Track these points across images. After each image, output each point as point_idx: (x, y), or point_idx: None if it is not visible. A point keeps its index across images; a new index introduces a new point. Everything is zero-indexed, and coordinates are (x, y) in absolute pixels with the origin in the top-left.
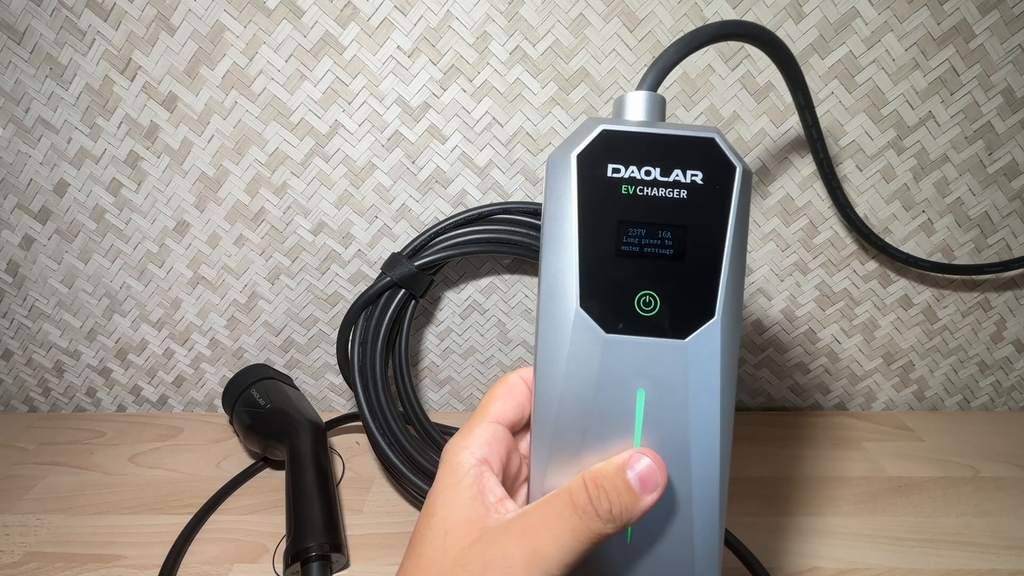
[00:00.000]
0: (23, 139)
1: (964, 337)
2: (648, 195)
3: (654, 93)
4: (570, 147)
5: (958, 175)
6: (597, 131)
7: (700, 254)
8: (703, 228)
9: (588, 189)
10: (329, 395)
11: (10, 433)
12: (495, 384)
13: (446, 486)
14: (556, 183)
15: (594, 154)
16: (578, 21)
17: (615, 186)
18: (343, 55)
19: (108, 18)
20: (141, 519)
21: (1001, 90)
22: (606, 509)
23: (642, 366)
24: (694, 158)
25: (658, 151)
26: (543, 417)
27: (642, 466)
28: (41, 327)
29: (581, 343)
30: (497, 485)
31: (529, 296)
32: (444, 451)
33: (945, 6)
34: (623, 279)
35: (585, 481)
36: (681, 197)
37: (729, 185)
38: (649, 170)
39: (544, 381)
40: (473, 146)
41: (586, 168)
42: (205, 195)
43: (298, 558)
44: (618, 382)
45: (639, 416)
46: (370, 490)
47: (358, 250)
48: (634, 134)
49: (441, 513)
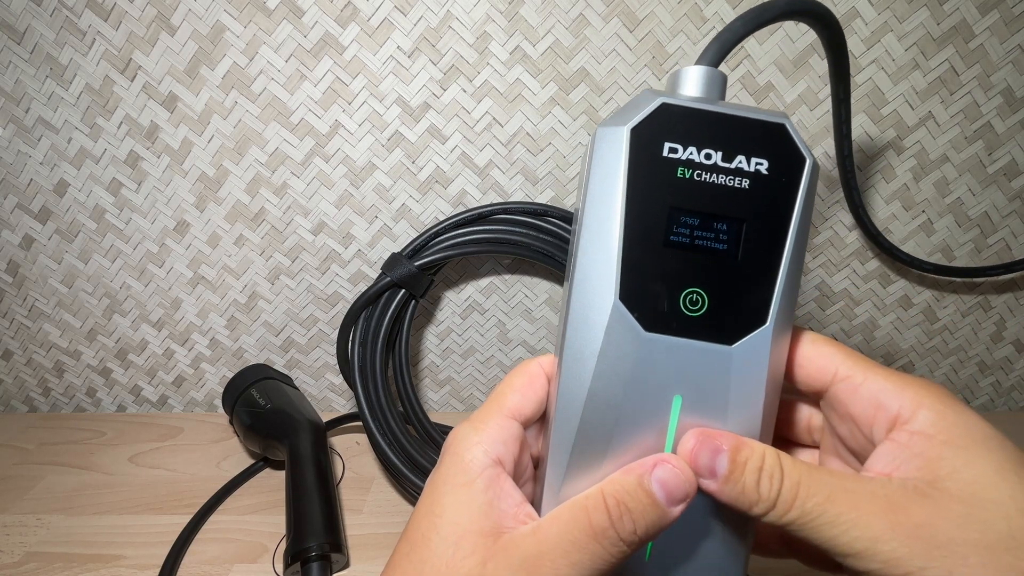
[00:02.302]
0: (23, 139)
1: (964, 337)
2: (706, 181)
3: (715, 69)
4: (624, 119)
5: (958, 175)
6: (656, 104)
7: (757, 253)
8: (763, 224)
9: (639, 168)
10: (329, 395)
11: (10, 433)
12: (514, 371)
13: (456, 485)
14: (603, 158)
15: (650, 129)
16: (578, 21)
17: (670, 168)
18: (343, 55)
19: (108, 18)
20: (141, 519)
21: (1001, 90)
22: (629, 531)
23: (681, 371)
24: (761, 145)
25: (722, 133)
26: (565, 418)
27: (666, 474)
28: (41, 327)
29: (616, 340)
30: (514, 488)
31: (529, 296)
32: (452, 441)
33: (945, 6)
34: (669, 273)
35: (605, 498)
36: (742, 187)
37: (797, 178)
38: (710, 153)
39: (570, 378)
40: (473, 146)
41: (640, 144)
42: (205, 195)
43: (298, 558)
44: (653, 386)
45: (672, 425)
46: (370, 490)
47: (358, 250)
48: (697, 111)
49: (450, 517)
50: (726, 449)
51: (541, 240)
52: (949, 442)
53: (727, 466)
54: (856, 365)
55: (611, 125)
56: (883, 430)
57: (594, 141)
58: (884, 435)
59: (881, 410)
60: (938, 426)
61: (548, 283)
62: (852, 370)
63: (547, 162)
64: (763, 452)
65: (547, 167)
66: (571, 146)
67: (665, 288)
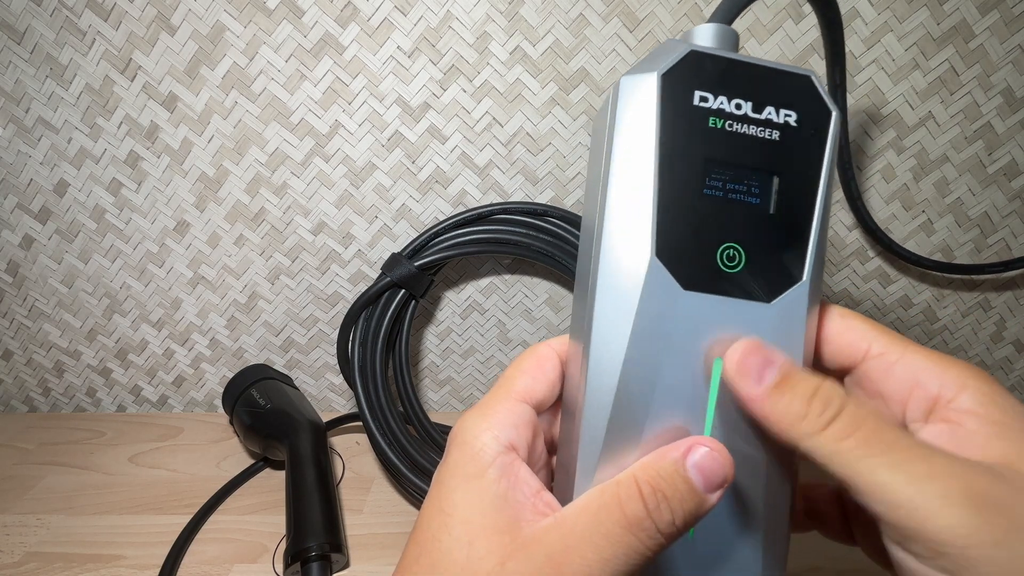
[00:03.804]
0: (23, 139)
1: (964, 337)
2: (737, 131)
3: (728, 26)
4: (651, 66)
5: (958, 175)
6: (685, 50)
7: (791, 206)
8: (795, 176)
9: (671, 116)
10: (329, 395)
11: (10, 433)
12: (522, 354)
13: (466, 477)
14: (631, 107)
15: (681, 76)
16: (578, 21)
17: (702, 117)
18: (343, 55)
19: (108, 18)
20: (141, 519)
21: (1001, 90)
22: (668, 521)
23: (721, 331)
24: (789, 96)
25: (751, 83)
26: (598, 391)
27: (702, 457)
28: (41, 327)
29: (654, 299)
30: (530, 475)
31: (529, 296)
32: (458, 430)
33: (945, 6)
34: (706, 227)
35: (639, 485)
36: (773, 139)
37: (824, 131)
38: (740, 103)
39: (602, 346)
40: (473, 146)
41: (671, 91)
42: (205, 195)
43: (298, 558)
44: (694, 348)
45: (713, 392)
46: (370, 490)
47: (358, 250)
48: (726, 59)
49: (462, 514)
50: (778, 364)
51: (541, 240)
52: (1006, 424)
53: (777, 376)
54: (892, 342)
55: (637, 73)
56: (919, 410)
57: (618, 92)
58: (921, 415)
59: (919, 388)
60: (989, 407)
61: (548, 283)
62: (887, 347)
63: (547, 162)
64: (820, 380)
65: (547, 167)
66: (571, 146)
67: (702, 244)
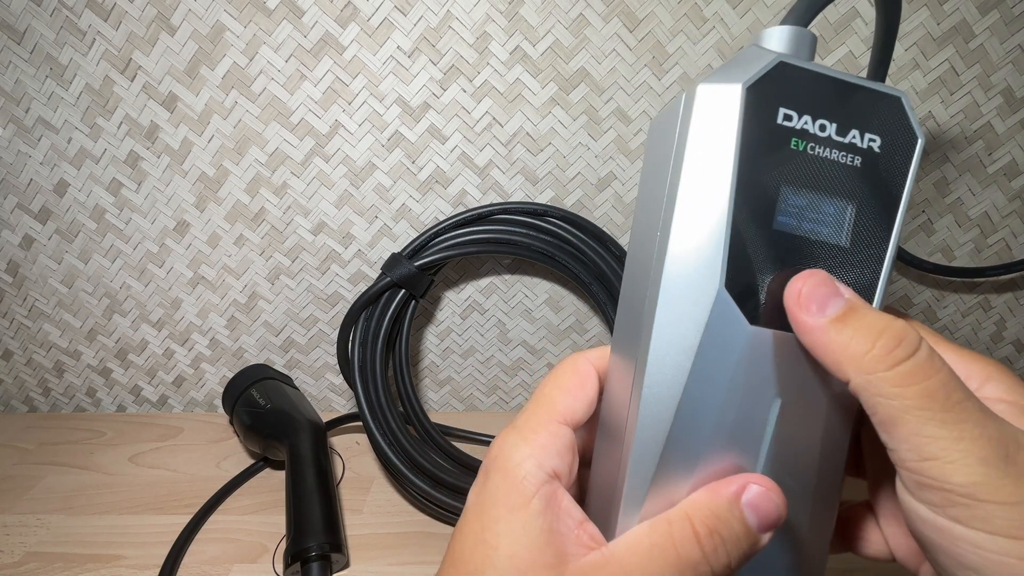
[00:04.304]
0: (23, 139)
1: (964, 337)
2: (819, 156)
3: (806, 30)
4: (733, 75)
5: (958, 175)
6: (773, 61)
7: (865, 239)
8: (873, 207)
9: (753, 135)
10: (329, 395)
11: (10, 433)
12: (560, 369)
13: (511, 509)
14: (708, 120)
15: (766, 90)
16: (578, 21)
17: (784, 137)
18: (343, 55)
19: (108, 18)
20: (141, 519)
21: (1001, 90)
22: (724, 564)
23: (784, 369)
24: (876, 119)
25: (839, 102)
26: (651, 425)
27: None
28: (41, 327)
29: (718, 335)
30: (574, 506)
31: (529, 296)
32: (498, 455)
33: (945, 6)
34: (777, 259)
35: (696, 528)
36: (855, 165)
37: (908, 158)
38: (825, 124)
39: (657, 379)
40: (473, 146)
41: (754, 107)
42: (205, 195)
43: (298, 558)
44: (756, 387)
45: (769, 433)
46: (370, 490)
47: (358, 250)
48: (816, 74)
49: (507, 548)
50: (846, 296)
51: (541, 240)
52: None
53: (843, 307)
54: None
55: (719, 82)
56: None
57: (693, 101)
58: None
59: None
60: (1015, 394)
61: (548, 283)
62: None
63: (547, 162)
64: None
65: (547, 167)
66: (571, 146)
67: (772, 277)
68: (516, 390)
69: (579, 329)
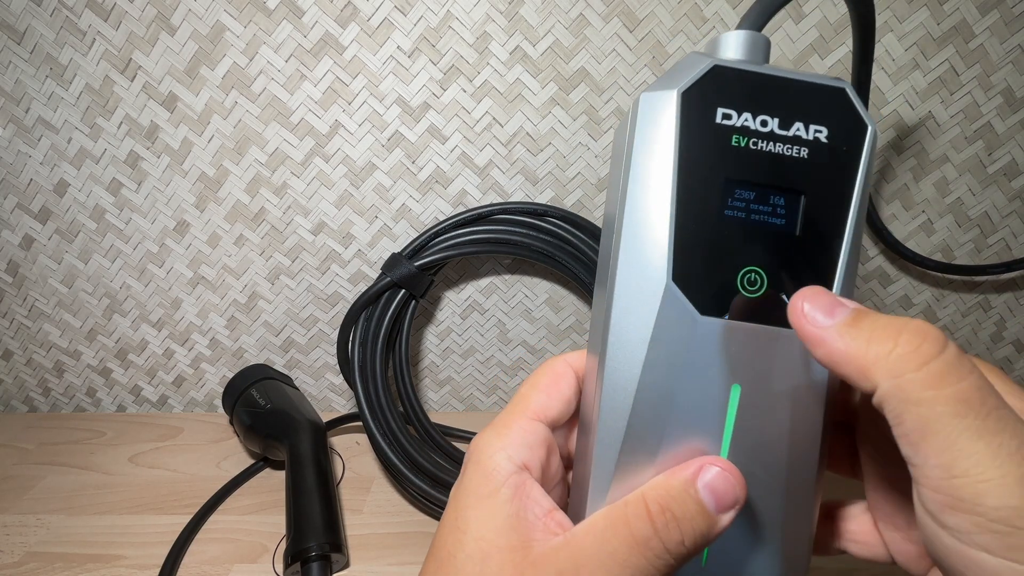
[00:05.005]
0: (23, 139)
1: (964, 337)
2: (762, 150)
3: (758, 33)
4: (671, 82)
5: (958, 175)
6: (707, 66)
7: (818, 228)
8: (824, 196)
9: (691, 136)
10: (329, 395)
11: (10, 433)
12: (538, 370)
13: (480, 497)
14: (649, 125)
15: (702, 93)
16: (578, 21)
17: (724, 135)
18: (343, 55)
19: (108, 18)
20: (141, 519)
21: (1001, 90)
22: (677, 541)
23: (740, 357)
24: (820, 111)
25: (779, 98)
26: (611, 414)
27: (713, 477)
28: (41, 327)
29: (669, 325)
30: (543, 495)
31: (529, 296)
32: (473, 449)
33: (945, 6)
34: (725, 251)
35: (648, 505)
36: (801, 156)
37: (858, 147)
38: (766, 120)
39: (616, 370)
40: (473, 146)
41: (691, 109)
42: (205, 195)
43: (298, 558)
44: (710, 375)
45: (730, 418)
46: (370, 490)
47: (358, 250)
48: (752, 74)
49: (475, 531)
50: (851, 306)
51: (541, 240)
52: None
53: (850, 313)
54: None
55: (657, 90)
56: None
57: (636, 109)
58: None
59: None
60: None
61: (548, 283)
62: None
63: (547, 162)
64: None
65: (547, 167)
66: (571, 146)
67: (721, 268)
68: (516, 390)
69: (579, 329)
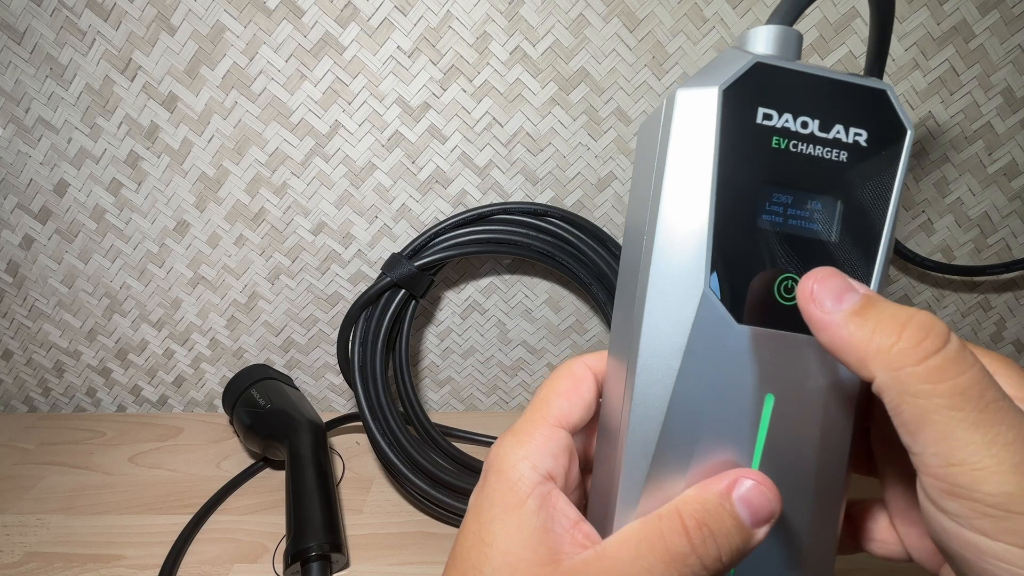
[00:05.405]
0: (23, 139)
1: (964, 337)
2: (802, 152)
3: (791, 28)
4: (710, 78)
5: (958, 175)
6: (749, 62)
7: (856, 234)
8: (863, 202)
9: (732, 136)
10: (329, 395)
11: (10, 433)
12: (557, 374)
13: (505, 508)
14: (687, 124)
15: (744, 91)
16: (578, 21)
17: (765, 137)
18: (343, 55)
19: (108, 18)
20: (141, 519)
21: (1001, 90)
22: (714, 557)
23: (775, 366)
24: (861, 113)
25: (820, 98)
26: (642, 425)
27: (749, 491)
28: (41, 327)
29: (705, 334)
30: (569, 506)
31: (529, 296)
32: (494, 457)
33: (945, 6)
34: (763, 257)
35: (684, 520)
36: (840, 160)
37: (898, 151)
38: (807, 121)
39: (647, 380)
40: (473, 146)
41: (732, 108)
42: (205, 195)
43: (298, 558)
44: (745, 385)
45: (763, 428)
46: (370, 490)
47: (358, 250)
48: (795, 72)
49: (502, 545)
50: (861, 291)
51: (541, 240)
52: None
53: (859, 300)
54: None
55: (695, 86)
56: None
57: (672, 106)
58: None
59: None
60: (1021, 390)
61: (548, 283)
62: None
63: (547, 162)
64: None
65: (547, 167)
66: (571, 146)
67: (759, 275)
68: (516, 390)
69: (579, 329)
